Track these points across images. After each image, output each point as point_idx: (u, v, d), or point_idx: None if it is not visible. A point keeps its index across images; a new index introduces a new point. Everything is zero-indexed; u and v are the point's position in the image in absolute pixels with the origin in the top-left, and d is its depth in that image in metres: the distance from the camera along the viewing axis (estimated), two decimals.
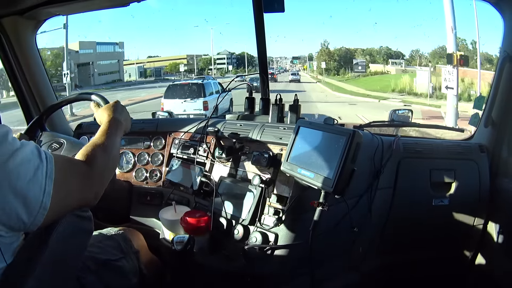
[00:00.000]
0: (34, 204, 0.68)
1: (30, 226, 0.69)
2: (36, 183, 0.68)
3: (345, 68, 36.95)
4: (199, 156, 1.62)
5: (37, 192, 0.68)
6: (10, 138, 0.67)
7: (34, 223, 0.69)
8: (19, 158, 0.67)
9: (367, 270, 1.55)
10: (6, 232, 0.68)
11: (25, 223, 0.68)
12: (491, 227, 1.59)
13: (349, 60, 37.04)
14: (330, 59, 38.56)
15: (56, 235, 0.73)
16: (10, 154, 0.66)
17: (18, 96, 1.89)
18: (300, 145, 1.19)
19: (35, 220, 0.69)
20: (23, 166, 0.67)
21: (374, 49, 38.27)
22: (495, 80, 1.54)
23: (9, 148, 0.66)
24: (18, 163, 0.66)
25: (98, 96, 1.39)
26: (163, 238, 1.49)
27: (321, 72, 37.37)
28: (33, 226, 0.69)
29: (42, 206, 0.69)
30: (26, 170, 0.67)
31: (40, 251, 0.71)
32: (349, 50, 39.42)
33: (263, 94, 1.86)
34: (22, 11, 1.69)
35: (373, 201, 1.43)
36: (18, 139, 0.71)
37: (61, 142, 1.46)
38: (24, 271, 0.68)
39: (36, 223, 0.69)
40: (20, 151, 0.68)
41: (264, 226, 1.29)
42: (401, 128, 1.93)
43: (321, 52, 40.51)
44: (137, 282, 1.10)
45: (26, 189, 0.66)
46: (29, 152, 0.69)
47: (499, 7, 1.50)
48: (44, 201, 0.69)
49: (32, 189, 0.67)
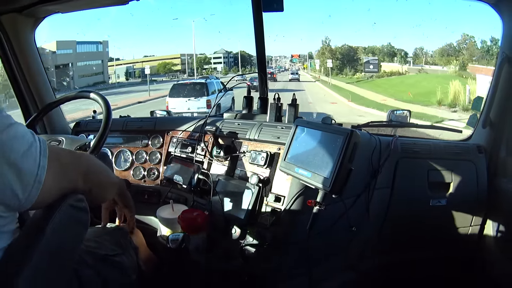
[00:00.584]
0: (28, 177, 0.67)
1: (25, 202, 0.68)
2: (30, 156, 0.68)
3: (349, 67, 33.02)
4: (197, 154, 1.62)
5: (32, 165, 0.68)
6: (4, 114, 0.67)
7: (29, 199, 0.68)
8: (12, 131, 0.66)
9: (365, 270, 1.55)
10: (2, 211, 0.68)
11: (19, 198, 0.67)
12: (489, 227, 1.59)
13: (352, 58, 33.57)
14: (332, 57, 34.35)
15: (53, 225, 0.73)
16: (4, 127, 0.65)
17: (16, 94, 1.89)
18: (297, 145, 1.19)
19: (29, 195, 0.68)
20: (17, 139, 0.67)
21: (376, 47, 34.03)
22: (493, 81, 1.54)
23: (3, 122, 0.66)
24: (12, 136, 0.66)
25: (96, 94, 1.39)
26: (160, 236, 1.49)
27: (326, 71, 32.79)
28: (27, 203, 0.69)
29: (37, 179, 0.68)
30: (20, 144, 0.67)
31: (36, 240, 0.71)
32: (352, 48, 35.06)
33: (261, 93, 1.86)
34: (21, 8, 1.69)
35: (371, 201, 1.43)
36: None
37: (60, 139, 1.47)
38: (21, 259, 0.68)
39: (30, 199, 0.68)
40: (14, 125, 0.67)
41: (262, 225, 1.29)
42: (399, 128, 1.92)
43: (322, 49, 36.74)
44: (135, 278, 1.10)
45: (20, 162, 0.66)
46: (23, 129, 0.69)
47: (498, 8, 1.51)
48: (39, 174, 0.68)
49: (26, 162, 0.67)
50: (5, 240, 0.71)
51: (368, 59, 29.17)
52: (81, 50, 29.05)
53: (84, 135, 1.89)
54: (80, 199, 0.82)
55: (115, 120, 1.64)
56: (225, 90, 1.74)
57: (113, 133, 1.86)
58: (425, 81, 20.65)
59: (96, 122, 1.94)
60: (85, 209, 0.84)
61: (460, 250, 1.66)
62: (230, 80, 1.79)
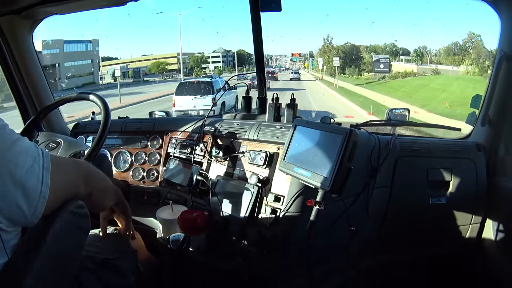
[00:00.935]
0: (33, 193, 0.68)
1: (31, 217, 0.69)
2: (33, 173, 0.68)
3: (353, 66, 30.78)
4: (196, 155, 1.62)
5: (35, 182, 0.69)
6: (8, 129, 0.68)
7: (35, 214, 0.69)
8: (17, 147, 0.67)
9: (365, 269, 1.55)
10: (7, 226, 0.68)
11: (25, 214, 0.68)
12: (489, 225, 1.59)
13: (355, 57, 30.95)
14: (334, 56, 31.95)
15: (53, 232, 0.73)
16: (9, 144, 0.66)
17: (15, 95, 1.88)
18: (297, 144, 1.19)
19: (35, 210, 0.69)
20: (21, 156, 0.68)
21: (378, 46, 31.50)
22: (492, 79, 1.55)
23: (9, 138, 0.67)
24: (17, 152, 0.67)
25: (95, 96, 1.40)
26: (160, 237, 1.48)
27: (331, 70, 30.24)
28: (34, 218, 0.69)
29: (42, 195, 0.69)
30: (25, 160, 0.68)
31: (38, 248, 0.71)
32: (355, 46, 32.55)
33: (260, 93, 1.86)
34: (19, 10, 1.69)
35: (370, 200, 1.44)
36: None
37: (58, 141, 1.46)
38: (22, 268, 0.68)
39: (37, 214, 0.69)
40: (18, 141, 0.68)
41: (261, 225, 1.29)
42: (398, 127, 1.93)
43: (324, 48, 34.33)
44: (135, 281, 1.10)
45: (24, 179, 0.67)
46: (27, 144, 0.70)
47: (496, 6, 1.51)
48: (43, 191, 0.69)
49: (31, 179, 0.68)
50: (10, 251, 0.71)
51: (378, 57, 25.17)
52: (69, 49, 27.47)
53: (83, 137, 1.89)
54: (81, 206, 0.82)
55: (113, 121, 1.64)
56: (225, 89, 1.74)
57: (112, 134, 1.85)
58: (454, 85, 17.06)
59: (95, 123, 1.94)
60: (86, 215, 0.84)
61: (459, 249, 1.66)
62: (230, 79, 1.79)
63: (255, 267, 1.30)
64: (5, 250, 0.69)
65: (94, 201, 0.89)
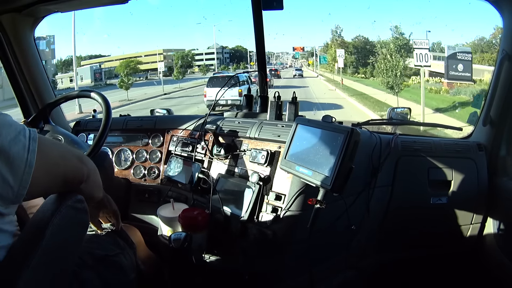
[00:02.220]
0: (18, 162, 0.65)
1: (19, 189, 0.66)
2: (19, 142, 0.66)
3: (365, 65, 25.30)
4: (198, 153, 1.62)
5: (21, 150, 0.66)
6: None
7: (22, 185, 0.66)
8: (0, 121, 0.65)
9: (365, 268, 1.55)
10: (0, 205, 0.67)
11: (11, 186, 0.65)
12: (490, 225, 1.59)
13: (369, 53, 24.62)
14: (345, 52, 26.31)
15: (52, 227, 0.73)
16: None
17: (16, 93, 1.88)
18: (298, 143, 1.19)
19: (22, 181, 0.66)
20: (4, 128, 0.65)
21: (387, 41, 22.19)
22: (494, 78, 1.54)
23: None
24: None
25: (97, 94, 1.40)
26: (161, 235, 1.49)
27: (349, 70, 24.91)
28: (21, 189, 0.67)
29: (28, 164, 0.66)
30: (7, 131, 0.65)
31: (36, 243, 0.70)
32: (369, 41, 26.77)
33: (261, 91, 1.86)
34: (20, 8, 1.69)
35: (371, 199, 1.44)
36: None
37: (59, 138, 1.46)
38: (20, 263, 0.67)
39: (24, 184, 0.66)
40: (1, 116, 0.66)
41: (262, 224, 1.29)
42: (399, 126, 1.93)
43: (332, 42, 29.00)
44: (134, 277, 1.10)
45: (7, 147, 0.64)
46: (10, 118, 0.68)
47: (498, 6, 1.50)
48: (29, 159, 0.66)
49: (15, 147, 0.65)
50: (5, 239, 0.70)
51: (455, 51, 12.23)
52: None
53: (84, 134, 1.90)
54: (80, 200, 0.82)
55: (115, 119, 1.64)
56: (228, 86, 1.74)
57: (113, 132, 1.86)
58: None
59: (96, 121, 1.94)
60: (85, 210, 0.84)
61: (460, 248, 1.66)
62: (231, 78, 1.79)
63: (255, 265, 1.30)
64: (4, 233, 0.68)
65: (90, 184, 0.88)
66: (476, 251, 1.64)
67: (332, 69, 27.35)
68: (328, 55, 28.99)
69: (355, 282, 1.52)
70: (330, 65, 28.13)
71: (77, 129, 1.95)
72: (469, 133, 1.73)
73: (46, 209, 0.76)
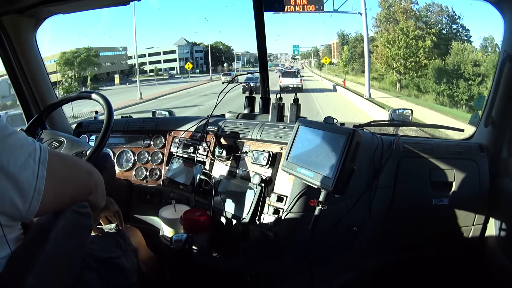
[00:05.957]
0: (27, 188, 0.66)
1: (27, 213, 0.67)
2: (28, 168, 0.67)
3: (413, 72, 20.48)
4: (199, 155, 1.62)
5: (30, 177, 0.67)
6: (2, 124, 0.66)
7: (30, 210, 0.67)
8: (11, 141, 0.66)
9: (367, 269, 1.55)
10: (7, 221, 0.68)
11: (20, 209, 0.66)
12: (491, 226, 1.59)
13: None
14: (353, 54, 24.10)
15: (56, 231, 0.73)
16: (3, 138, 0.65)
17: (18, 94, 1.89)
18: (300, 144, 1.19)
19: (30, 206, 0.67)
20: (15, 150, 0.66)
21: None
22: (495, 80, 1.54)
23: (2, 132, 0.65)
24: (10, 146, 0.65)
25: (98, 95, 1.40)
26: (162, 236, 1.49)
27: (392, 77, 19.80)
28: (29, 214, 0.68)
29: (36, 190, 0.67)
30: (19, 155, 0.66)
31: (40, 247, 0.71)
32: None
33: (263, 93, 1.86)
34: (22, 9, 1.69)
35: (373, 201, 1.43)
36: None
37: (61, 140, 1.46)
38: (25, 266, 0.68)
39: (32, 209, 0.68)
40: (12, 135, 0.67)
41: (264, 225, 1.29)
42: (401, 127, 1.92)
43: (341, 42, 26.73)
44: (136, 279, 1.10)
45: (18, 173, 0.65)
46: (22, 138, 0.69)
47: (499, 7, 1.50)
48: (38, 185, 0.67)
49: (24, 174, 0.66)
50: (10, 247, 0.71)
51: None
52: None
53: (86, 136, 1.90)
54: (83, 205, 0.82)
55: (117, 120, 1.64)
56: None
57: (115, 134, 1.86)
58: None
59: (98, 122, 1.94)
60: (89, 214, 0.84)
61: (462, 249, 1.66)
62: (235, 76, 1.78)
63: (257, 267, 1.30)
64: (8, 244, 0.68)
65: (100, 194, 0.90)
66: (478, 252, 1.64)
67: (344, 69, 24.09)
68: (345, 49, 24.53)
69: (357, 283, 1.51)
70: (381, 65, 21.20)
71: (79, 130, 1.95)
72: (470, 134, 1.73)
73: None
